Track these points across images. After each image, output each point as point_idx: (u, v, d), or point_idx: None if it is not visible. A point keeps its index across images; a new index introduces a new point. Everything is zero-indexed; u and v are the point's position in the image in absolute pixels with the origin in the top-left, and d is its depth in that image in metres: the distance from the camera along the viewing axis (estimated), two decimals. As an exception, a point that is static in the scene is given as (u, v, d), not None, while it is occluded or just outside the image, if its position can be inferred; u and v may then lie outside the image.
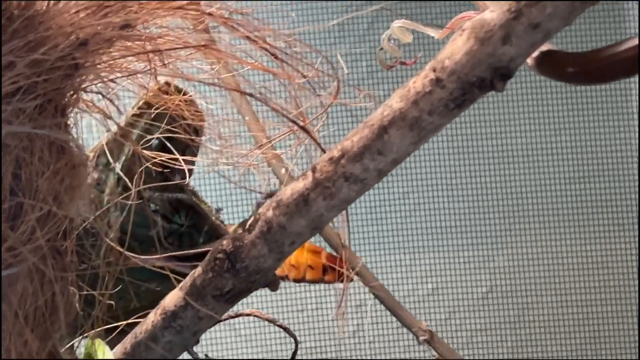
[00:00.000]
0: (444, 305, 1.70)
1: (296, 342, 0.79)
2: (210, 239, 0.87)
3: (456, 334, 1.69)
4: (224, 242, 0.63)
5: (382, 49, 0.68)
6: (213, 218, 0.87)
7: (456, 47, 0.55)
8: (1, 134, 0.51)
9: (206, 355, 0.86)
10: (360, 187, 0.60)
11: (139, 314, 0.71)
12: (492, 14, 0.53)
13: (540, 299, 1.69)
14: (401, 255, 1.69)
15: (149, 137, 0.73)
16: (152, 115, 0.73)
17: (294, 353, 0.78)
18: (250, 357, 1.66)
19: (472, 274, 1.70)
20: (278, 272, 0.65)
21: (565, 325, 1.68)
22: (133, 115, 0.76)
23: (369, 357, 1.69)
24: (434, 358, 1.36)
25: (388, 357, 1.69)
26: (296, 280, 1.07)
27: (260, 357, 1.66)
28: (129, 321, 0.71)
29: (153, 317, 0.67)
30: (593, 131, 1.67)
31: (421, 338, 1.35)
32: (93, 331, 0.66)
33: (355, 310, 1.63)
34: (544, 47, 0.57)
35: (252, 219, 0.63)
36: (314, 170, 0.60)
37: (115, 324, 0.70)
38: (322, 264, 1.07)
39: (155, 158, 0.69)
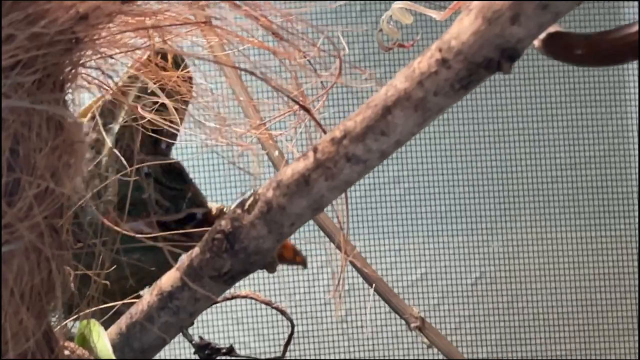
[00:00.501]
0: (434, 290, 1.69)
1: (292, 325, 0.79)
2: (192, 206, 0.88)
3: (446, 320, 1.69)
4: (223, 222, 0.63)
5: (381, 30, 0.67)
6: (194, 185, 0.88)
7: (463, 27, 0.54)
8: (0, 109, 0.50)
9: (201, 338, 0.85)
10: (362, 168, 0.59)
11: (130, 292, 0.70)
12: (500, -7, 0.53)
13: (534, 286, 1.69)
14: (392, 240, 1.69)
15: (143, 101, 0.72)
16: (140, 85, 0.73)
17: (290, 335, 0.78)
18: (242, 341, 1.65)
19: (464, 259, 1.70)
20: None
21: (559, 313, 1.68)
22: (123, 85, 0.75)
23: (358, 342, 1.68)
24: (425, 343, 1.36)
25: (378, 342, 1.68)
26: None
27: (251, 340, 1.66)
28: (126, 302, 0.70)
29: (149, 297, 0.66)
30: (590, 117, 1.66)
31: (412, 325, 1.35)
32: (86, 311, 0.65)
33: (345, 295, 1.63)
34: (552, 29, 0.57)
35: (251, 199, 0.62)
36: (315, 150, 0.59)
37: (110, 304, 0.70)
38: (292, 246, 1.07)
39: (149, 121, 0.68)
